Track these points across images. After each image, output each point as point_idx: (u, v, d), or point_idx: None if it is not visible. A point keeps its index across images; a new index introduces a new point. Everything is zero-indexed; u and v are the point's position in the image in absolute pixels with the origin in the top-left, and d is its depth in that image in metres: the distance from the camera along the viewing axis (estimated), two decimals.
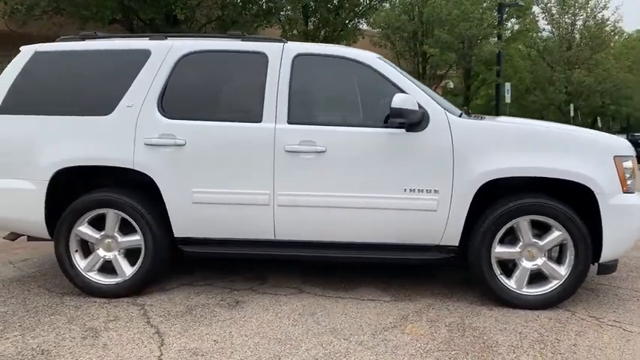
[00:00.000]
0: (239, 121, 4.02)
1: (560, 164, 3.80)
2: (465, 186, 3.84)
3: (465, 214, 3.89)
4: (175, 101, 4.09)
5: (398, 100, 3.69)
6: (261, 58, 4.07)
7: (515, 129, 4.04)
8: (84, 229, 4.11)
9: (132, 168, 4.01)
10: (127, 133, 4.03)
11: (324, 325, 3.64)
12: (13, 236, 4.48)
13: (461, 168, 3.84)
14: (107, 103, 4.09)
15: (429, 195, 3.89)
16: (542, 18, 26.32)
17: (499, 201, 3.91)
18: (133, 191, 4.15)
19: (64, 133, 4.07)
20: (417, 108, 3.77)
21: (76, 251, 4.15)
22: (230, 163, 3.98)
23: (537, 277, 3.98)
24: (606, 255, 3.88)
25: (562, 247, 3.94)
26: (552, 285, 3.93)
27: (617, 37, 28.59)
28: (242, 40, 4.24)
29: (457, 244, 3.99)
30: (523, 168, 3.81)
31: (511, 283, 3.95)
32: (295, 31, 13.00)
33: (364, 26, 16.58)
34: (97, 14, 10.20)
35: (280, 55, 4.05)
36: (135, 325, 3.62)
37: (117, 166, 4.04)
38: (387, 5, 16.04)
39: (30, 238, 4.51)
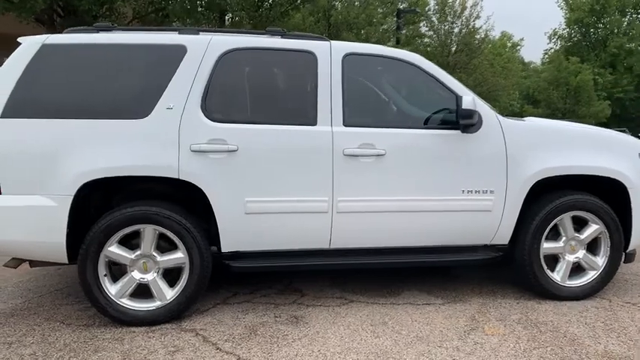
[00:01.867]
0: (291, 125, 3.75)
1: (603, 162, 4.04)
2: (518, 185, 3.94)
3: (518, 213, 3.99)
4: (221, 103, 3.70)
5: (468, 101, 3.69)
6: (310, 57, 3.83)
7: (561, 130, 4.22)
8: (115, 249, 3.58)
9: (177, 177, 3.56)
10: (170, 138, 3.57)
11: (405, 333, 3.53)
12: (16, 263, 3.76)
13: (514, 168, 3.93)
14: (142, 104, 3.59)
15: (484, 196, 3.93)
16: (424, 25, 28.13)
17: (544, 198, 4.06)
18: (170, 204, 3.70)
19: (92, 140, 3.50)
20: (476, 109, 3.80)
21: (105, 275, 3.60)
22: (286, 170, 3.69)
23: (575, 269, 4.20)
24: (634, 244, 4.20)
25: (596, 239, 4.19)
26: (591, 276, 4.17)
27: (490, 45, 31.28)
28: (282, 38, 3.96)
29: (507, 243, 4.08)
30: (572, 167, 4.00)
31: (556, 277, 4.12)
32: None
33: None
34: (23, 3, 8.67)
35: (329, 54, 3.85)
36: (208, 354, 3.22)
37: (159, 175, 3.56)
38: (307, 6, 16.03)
39: (33, 264, 3.83)
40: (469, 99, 3.70)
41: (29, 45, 3.59)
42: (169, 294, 3.66)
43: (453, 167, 3.89)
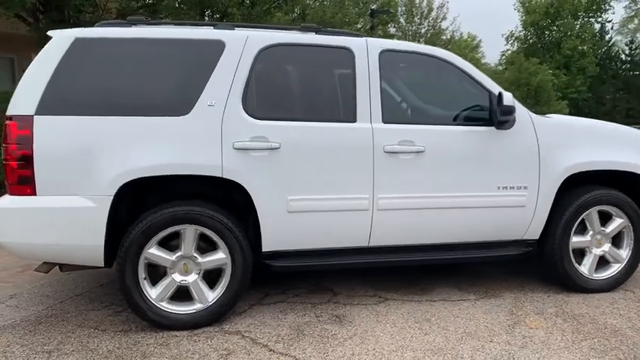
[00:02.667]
0: (331, 121, 3.70)
1: (627, 158, 4.16)
2: (550, 181, 4.01)
3: (549, 208, 4.06)
4: (261, 99, 3.62)
5: (509, 98, 3.73)
6: (347, 54, 3.79)
7: (587, 126, 4.32)
8: (155, 251, 3.45)
9: (220, 176, 3.46)
10: (212, 136, 3.47)
11: (452, 330, 3.54)
12: (47, 267, 3.59)
13: (546, 164, 4.00)
14: (182, 101, 3.48)
15: (518, 192, 3.98)
16: (391, 26, 28.41)
17: (571, 193, 4.15)
18: (207, 203, 3.60)
19: (133, 138, 3.37)
20: None
21: (144, 278, 3.47)
22: (328, 167, 3.64)
23: (599, 262, 4.30)
24: None
25: (620, 232, 4.31)
26: (615, 268, 4.29)
27: (456, 45, 31.93)
28: (316, 34, 3.91)
29: (538, 238, 4.15)
30: (601, 162, 4.10)
31: (584, 270, 4.22)
32: None
33: None
34: None
35: (366, 50, 3.82)
36: (263, 356, 3.15)
37: (202, 174, 3.46)
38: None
39: (64, 268, 3.66)
40: (509, 96, 3.74)
41: (60, 39, 3.43)
42: (211, 296, 3.56)
43: (488, 164, 3.93)
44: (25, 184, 3.26)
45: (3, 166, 3.31)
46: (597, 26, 45.39)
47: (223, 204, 3.66)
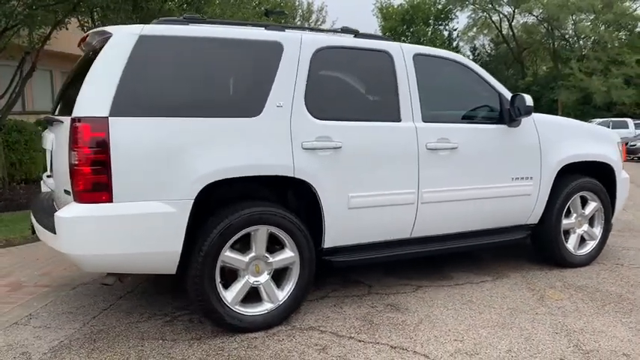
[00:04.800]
0: (380, 121, 3.92)
1: (602, 151, 4.90)
2: (549, 172, 4.60)
3: (548, 196, 4.66)
4: (319, 100, 3.70)
5: (530, 99, 4.22)
6: (387, 57, 4.02)
7: (573, 124, 5.00)
8: (231, 253, 3.41)
9: (292, 176, 3.51)
10: (283, 137, 3.50)
11: (498, 307, 3.93)
12: (114, 279, 3.36)
13: (546, 157, 4.58)
14: (253, 102, 3.47)
15: (526, 182, 4.52)
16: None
17: (562, 182, 4.77)
18: (277, 203, 3.64)
19: (213, 139, 3.29)
20: None
21: (220, 283, 3.41)
22: (381, 164, 3.85)
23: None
24: (615, 216, 5.16)
25: (594, 215, 5.04)
26: (591, 245, 5.02)
27: None
28: (355, 37, 4.09)
29: (537, 222, 4.73)
30: (586, 154, 4.78)
31: (570, 248, 4.88)
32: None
33: None
34: None
35: (402, 54, 4.08)
36: (357, 346, 3.27)
37: (277, 174, 3.48)
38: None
39: (125, 279, 3.45)
40: (530, 98, 4.24)
41: (124, 36, 3.24)
42: (280, 295, 3.59)
43: (504, 158, 4.41)
44: (101, 191, 3.04)
45: (71, 173, 3.06)
46: (446, 33, 49.88)
47: (283, 204, 3.71)
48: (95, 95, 3.10)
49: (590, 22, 40.17)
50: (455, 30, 49.87)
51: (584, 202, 4.96)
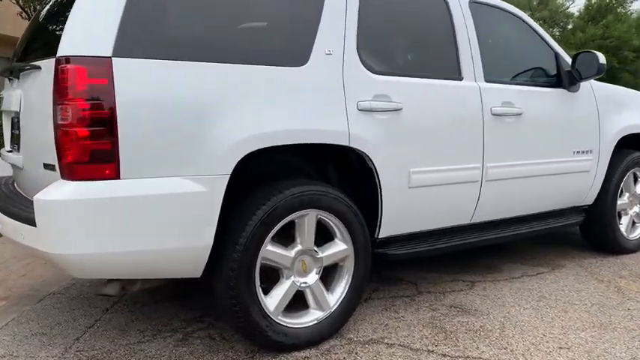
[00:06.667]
0: (441, 79, 3.16)
1: None
2: (607, 145, 4.00)
3: (605, 172, 4.05)
4: (373, 50, 2.90)
5: (603, 57, 3.59)
6: (442, 3, 3.27)
7: (630, 93, 4.40)
8: (273, 247, 2.56)
9: (347, 145, 2.69)
10: (336, 94, 2.68)
11: (579, 303, 3.29)
12: (117, 288, 2.44)
13: (604, 127, 3.97)
14: (298, 47, 2.63)
15: (586, 156, 3.89)
16: None
17: (617, 157, 4.16)
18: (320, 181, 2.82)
19: (254, 93, 2.42)
20: None
21: (261, 286, 2.56)
22: (444, 133, 3.10)
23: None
24: None
25: None
26: None
27: None
28: None
29: (592, 203, 4.12)
30: None
31: (623, 231, 4.31)
32: None
33: None
34: None
35: (458, 0, 3.35)
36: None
37: (329, 142, 2.65)
38: None
39: (129, 289, 2.52)
40: (603, 56, 3.60)
41: None
42: (331, 299, 2.77)
43: (567, 127, 3.76)
44: (102, 162, 2.13)
45: (58, 138, 2.13)
46: None
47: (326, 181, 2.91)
48: (92, 26, 2.17)
49: None
50: None
51: (635, 180, 4.41)
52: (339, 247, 2.76)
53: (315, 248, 2.70)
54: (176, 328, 2.93)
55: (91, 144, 2.10)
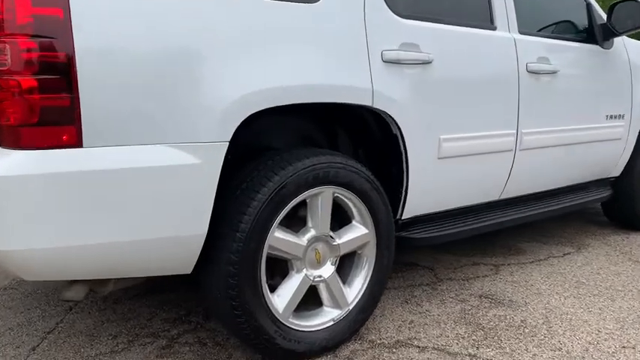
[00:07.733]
0: (473, 27, 2.63)
1: None
2: (638, 109, 3.57)
3: (635, 140, 3.64)
4: None
5: None
6: None
7: None
8: (281, 234, 2.03)
9: (371, 105, 2.16)
10: (356, 40, 2.13)
11: (621, 289, 2.88)
12: (83, 290, 1.87)
13: (637, 89, 3.54)
14: None
15: (619, 122, 3.47)
16: None
17: None
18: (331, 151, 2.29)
19: (257, 34, 1.86)
20: None
21: (267, 283, 2.03)
22: (477, 91, 2.59)
23: None
24: None
25: None
26: None
27: None
28: None
29: (619, 175, 3.71)
30: None
31: None
32: None
33: None
34: None
35: None
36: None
37: (348, 102, 2.11)
38: None
39: (97, 287, 1.96)
40: None
41: None
42: (350, 295, 2.27)
43: (601, 89, 3.31)
44: (58, 124, 1.55)
45: None
46: None
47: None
48: None
49: None
50: None
51: None
52: (359, 232, 2.25)
53: (332, 234, 2.18)
54: (157, 332, 2.39)
55: (41, 99, 1.52)
